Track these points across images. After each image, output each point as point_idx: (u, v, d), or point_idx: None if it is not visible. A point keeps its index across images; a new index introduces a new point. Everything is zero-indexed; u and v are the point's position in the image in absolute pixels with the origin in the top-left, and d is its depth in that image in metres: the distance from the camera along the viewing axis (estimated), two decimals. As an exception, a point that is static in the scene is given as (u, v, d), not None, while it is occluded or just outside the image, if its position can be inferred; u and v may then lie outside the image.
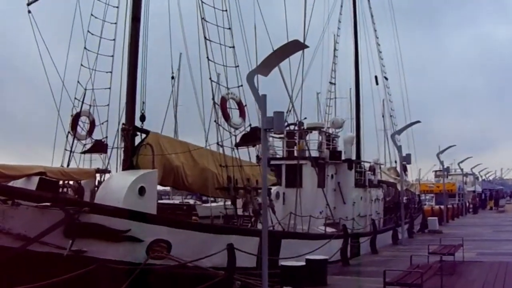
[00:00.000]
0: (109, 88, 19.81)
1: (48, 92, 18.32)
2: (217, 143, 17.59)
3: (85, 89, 19.71)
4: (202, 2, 17.65)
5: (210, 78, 17.23)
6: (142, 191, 14.36)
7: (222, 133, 17.45)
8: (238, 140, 17.89)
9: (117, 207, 13.41)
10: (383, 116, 42.35)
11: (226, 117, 17.40)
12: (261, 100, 12.55)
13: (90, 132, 20.47)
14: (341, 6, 38.35)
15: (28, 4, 18.22)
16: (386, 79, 41.69)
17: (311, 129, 28.33)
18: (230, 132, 17.62)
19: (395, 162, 43.88)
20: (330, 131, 31.09)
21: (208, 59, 17.21)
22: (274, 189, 22.83)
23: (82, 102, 19.81)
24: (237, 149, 18.02)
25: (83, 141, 20.27)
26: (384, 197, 42.62)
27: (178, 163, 18.09)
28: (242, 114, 17.98)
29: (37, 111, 56.59)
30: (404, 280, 11.90)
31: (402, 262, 16.77)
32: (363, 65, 39.17)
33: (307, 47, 13.43)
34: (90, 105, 20.18)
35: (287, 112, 25.53)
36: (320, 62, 35.24)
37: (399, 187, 40.13)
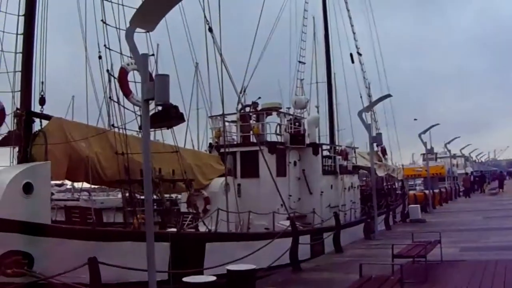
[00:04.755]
0: (20, 71, 16.73)
1: None
2: (112, 125, 14.34)
3: (-10, 73, 16.80)
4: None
5: (105, 45, 13.95)
6: (28, 188, 11.65)
7: (123, 113, 14.19)
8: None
9: None
10: (361, 97, 39.04)
11: (127, 93, 14.13)
12: (141, 62, 9.32)
13: (-1, 122, 17.47)
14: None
15: None
16: (360, 54, 38.75)
17: (267, 110, 25.16)
18: (134, 112, 14.32)
19: (377, 146, 40.76)
20: (292, 112, 27.75)
21: (103, 22, 13.97)
22: (222, 180, 19.91)
23: (-15, 89, 16.83)
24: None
25: (-9, 132, 17.24)
26: (366, 184, 39.79)
27: (90, 153, 15.00)
28: (151, 89, 14.66)
29: None
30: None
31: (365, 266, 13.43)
32: (339, 43, 36.94)
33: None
34: (-4, 91, 17.17)
35: (240, 93, 22.71)
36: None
37: (380, 173, 37.29)
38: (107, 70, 14.20)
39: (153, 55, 14.25)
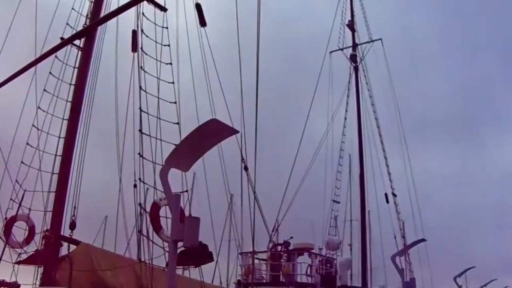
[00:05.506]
0: (54, 192, 16.88)
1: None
2: (139, 260, 14.09)
3: (25, 190, 16.73)
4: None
5: (139, 178, 14.08)
6: (45, 314, 11.16)
7: (151, 248, 13.97)
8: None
9: None
10: (395, 237, 38.30)
11: (157, 229, 14.02)
12: (173, 201, 9.24)
13: (28, 240, 17.35)
14: (345, 119, 36.40)
15: None
16: (395, 195, 38.36)
17: (298, 250, 24.79)
18: (163, 248, 14.09)
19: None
20: (324, 252, 27.36)
21: (140, 155, 14.24)
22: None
23: (20, 205, 16.85)
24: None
25: (18, 250, 17.15)
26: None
27: (115, 284, 14.62)
28: (182, 225, 14.50)
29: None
30: None
31: None
32: (374, 181, 36.81)
33: (236, 132, 10.00)
34: (29, 209, 17.23)
35: (272, 231, 22.56)
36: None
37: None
38: (140, 204, 14.19)
39: (186, 191, 14.25)
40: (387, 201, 37.98)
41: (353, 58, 38.11)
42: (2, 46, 17.98)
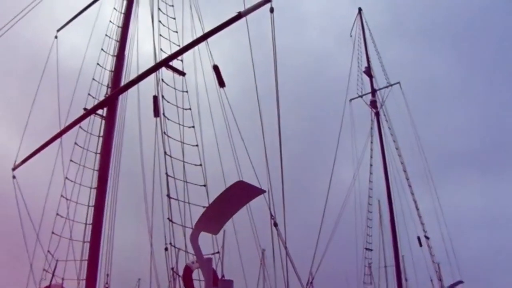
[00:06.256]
0: (86, 260, 16.91)
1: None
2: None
3: (57, 261, 16.93)
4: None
5: (171, 243, 14.09)
6: None
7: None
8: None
9: None
10: (431, 281, 37.54)
11: (190, 292, 13.90)
12: (205, 265, 9.24)
13: (61, 311, 17.33)
14: (371, 165, 36.14)
15: None
16: (427, 238, 37.73)
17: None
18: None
19: None
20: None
21: (169, 220, 14.29)
22: None
23: (53, 275, 16.90)
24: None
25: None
26: None
27: None
28: (215, 288, 14.36)
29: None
30: None
31: None
32: (403, 226, 36.29)
33: (263, 191, 10.02)
34: (63, 278, 17.25)
35: (307, 285, 22.25)
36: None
37: None
38: (172, 268, 14.13)
39: (218, 252, 14.20)
40: (420, 245, 37.46)
41: (373, 104, 38.16)
42: (28, 118, 18.38)
